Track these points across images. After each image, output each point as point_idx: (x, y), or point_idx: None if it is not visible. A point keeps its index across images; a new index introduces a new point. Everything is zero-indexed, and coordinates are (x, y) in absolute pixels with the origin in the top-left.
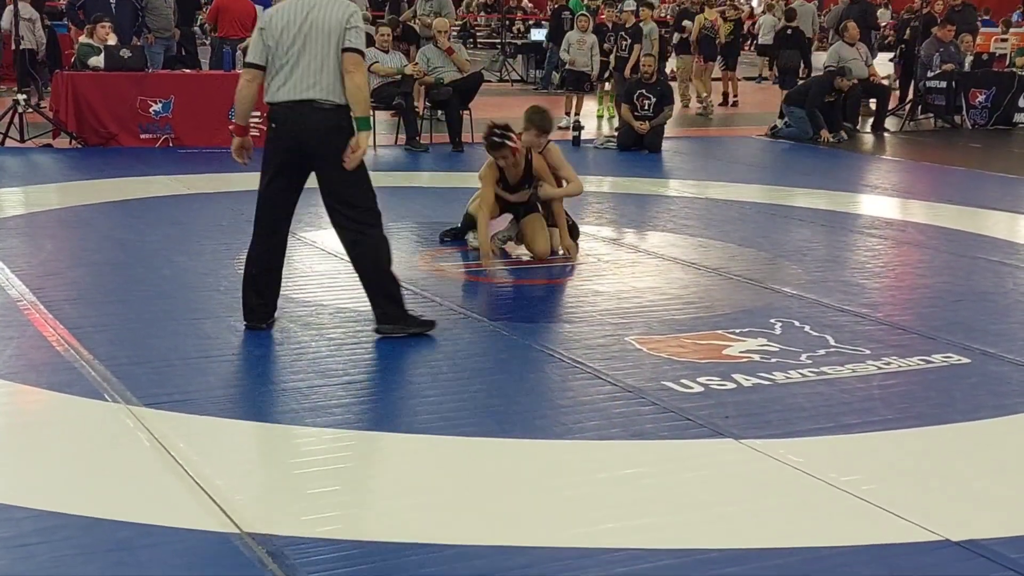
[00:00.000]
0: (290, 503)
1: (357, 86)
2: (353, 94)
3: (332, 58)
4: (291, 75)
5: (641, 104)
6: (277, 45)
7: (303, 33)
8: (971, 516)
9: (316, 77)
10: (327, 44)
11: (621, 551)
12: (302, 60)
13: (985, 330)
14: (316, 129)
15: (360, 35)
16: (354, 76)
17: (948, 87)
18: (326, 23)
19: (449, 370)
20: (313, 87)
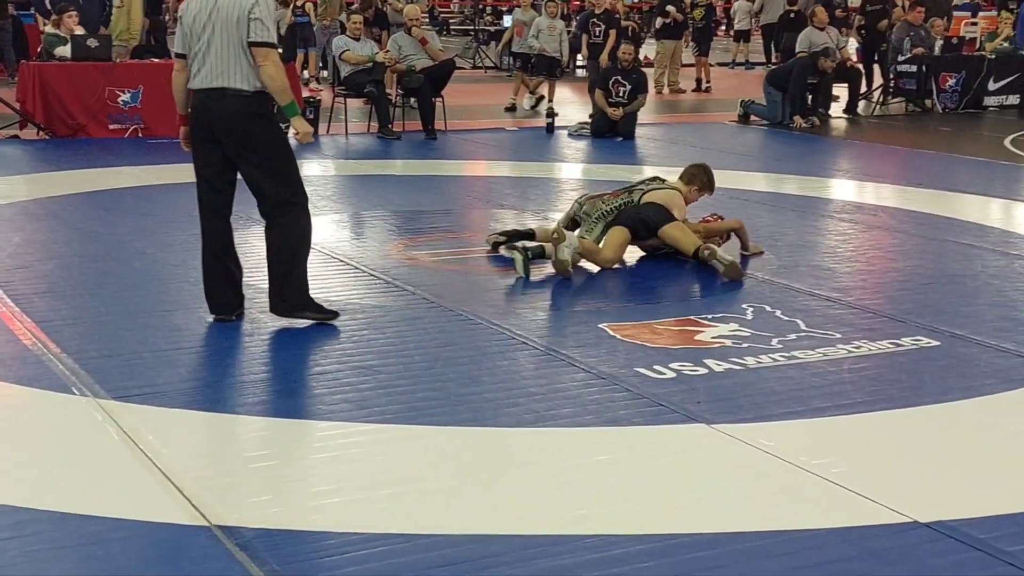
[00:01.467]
0: (260, 495)
1: (270, 76)
2: (267, 84)
3: (239, 47)
4: (204, 63)
5: (616, 91)
6: (191, 33)
7: (212, 22)
8: (940, 497)
9: (227, 65)
10: (235, 33)
11: (594, 537)
12: (212, 48)
13: (954, 313)
14: (227, 116)
15: (264, 25)
16: (265, 68)
17: (919, 71)
18: (231, 12)
19: (421, 359)
20: (223, 75)
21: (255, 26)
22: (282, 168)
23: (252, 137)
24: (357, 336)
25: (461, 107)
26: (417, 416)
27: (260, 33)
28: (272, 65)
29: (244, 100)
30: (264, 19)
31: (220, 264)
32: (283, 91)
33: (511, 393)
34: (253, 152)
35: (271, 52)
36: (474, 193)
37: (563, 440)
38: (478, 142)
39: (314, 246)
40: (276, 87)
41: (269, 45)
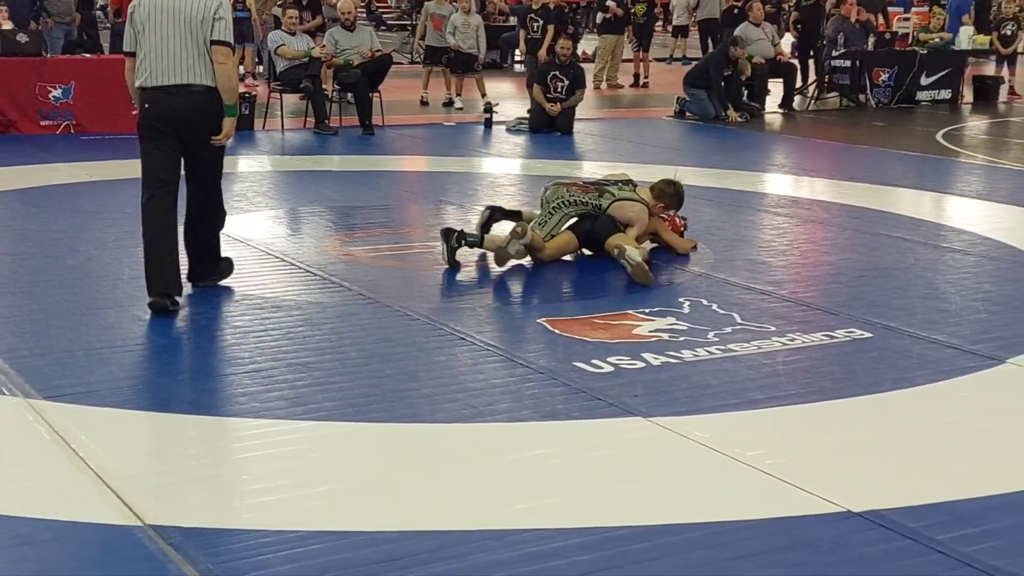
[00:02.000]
0: (194, 494)
1: (227, 75)
2: (223, 82)
3: (202, 45)
4: (161, 60)
5: (555, 86)
6: (144, 30)
7: (171, 20)
8: (872, 487)
9: (188, 63)
10: (198, 31)
11: (530, 532)
12: (171, 46)
13: (887, 305)
14: (191, 112)
15: (227, 26)
16: (224, 66)
17: (852, 66)
18: (195, 12)
19: (358, 356)
20: (186, 72)
21: (219, 25)
22: (222, 163)
23: (211, 131)
24: (293, 333)
25: (398, 102)
26: (353, 413)
27: (224, 33)
28: (231, 64)
29: (208, 95)
30: (227, 19)
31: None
32: (233, 90)
33: (448, 389)
34: (207, 143)
35: (231, 54)
36: (412, 188)
37: (500, 435)
38: (415, 137)
39: (249, 243)
40: (230, 86)
41: (229, 45)
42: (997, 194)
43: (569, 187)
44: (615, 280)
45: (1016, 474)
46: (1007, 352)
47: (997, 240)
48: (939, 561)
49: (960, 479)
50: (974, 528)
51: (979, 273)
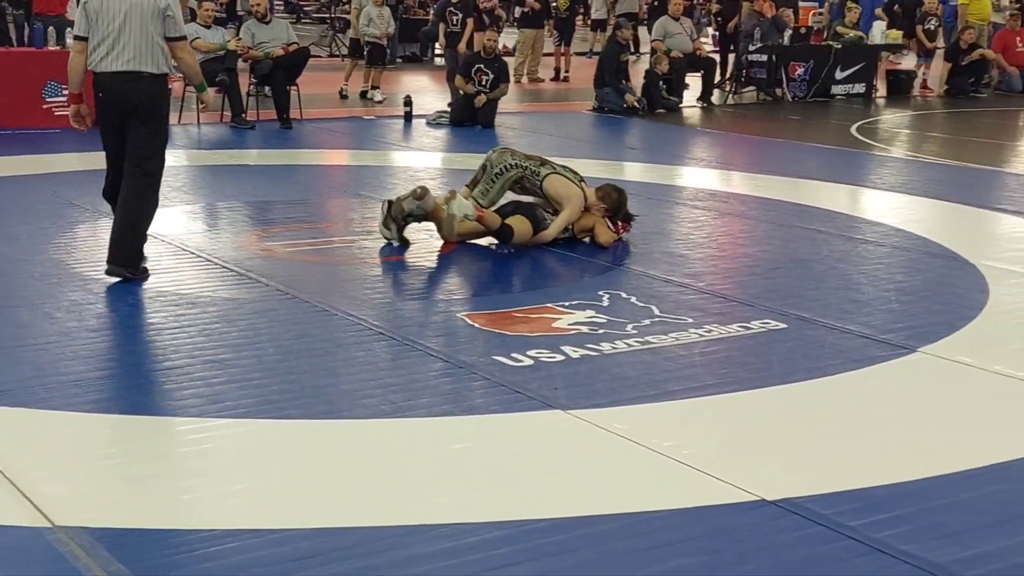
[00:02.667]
0: (106, 494)
1: (188, 64)
2: (186, 71)
3: (154, 36)
4: (114, 47)
5: (479, 79)
6: (98, 18)
7: (127, 12)
8: (785, 476)
9: (142, 50)
10: (149, 24)
11: (448, 526)
12: (124, 35)
13: (801, 296)
14: (142, 97)
15: (176, 22)
16: (183, 58)
17: (769, 60)
18: (147, 6)
19: (275, 352)
20: (139, 59)
21: (170, 23)
22: (163, 147)
23: (159, 112)
24: (209, 330)
25: (317, 96)
26: (271, 410)
27: (175, 29)
28: (188, 55)
29: (155, 81)
30: (176, 16)
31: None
32: (196, 74)
33: (367, 384)
34: (153, 123)
35: (185, 44)
36: (330, 183)
37: (419, 430)
38: (334, 131)
39: (164, 238)
40: (191, 72)
41: (182, 38)
42: (909, 186)
43: (513, 152)
44: (536, 274)
45: (925, 460)
46: (918, 341)
47: (909, 231)
48: (851, 547)
49: (871, 466)
50: (885, 514)
51: (891, 264)
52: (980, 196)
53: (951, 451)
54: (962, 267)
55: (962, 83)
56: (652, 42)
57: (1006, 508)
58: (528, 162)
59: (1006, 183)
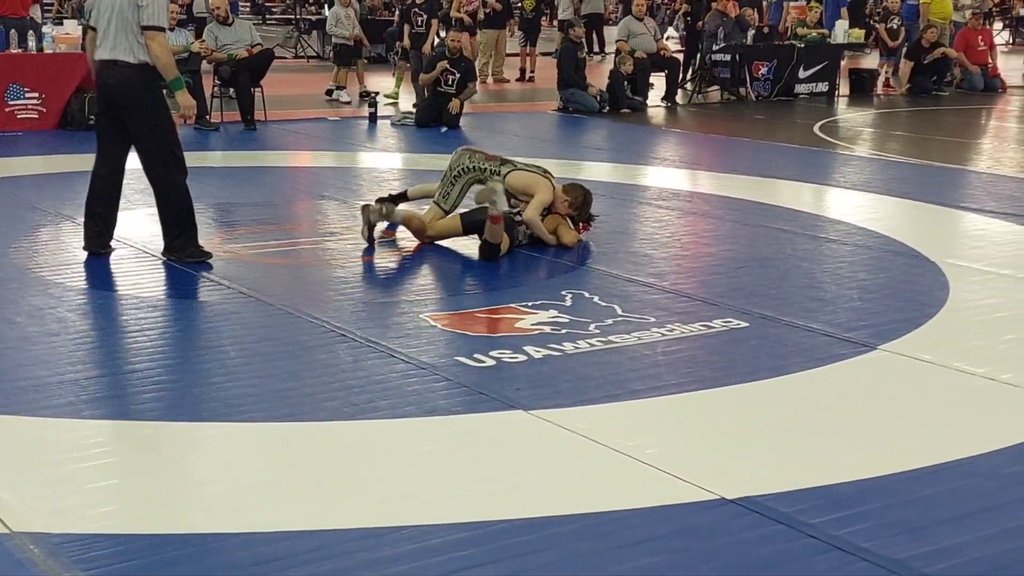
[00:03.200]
0: (65, 499)
1: (155, 55)
2: (155, 62)
3: (132, 25)
4: (105, 38)
5: (445, 79)
6: (96, 11)
7: (112, 2)
8: (746, 474)
9: (119, 39)
10: (127, 12)
11: (412, 528)
12: (111, 25)
13: (764, 295)
14: (117, 84)
15: (152, 12)
16: (151, 47)
17: (732, 60)
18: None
19: (237, 355)
20: (117, 48)
21: (144, 12)
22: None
23: (135, 100)
24: (171, 333)
25: (282, 97)
26: (232, 413)
27: (150, 18)
28: (157, 45)
29: (130, 70)
30: (151, 6)
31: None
32: (167, 67)
33: (329, 387)
34: (135, 112)
35: (157, 34)
36: (295, 184)
37: (382, 432)
38: (299, 132)
39: (127, 241)
40: (161, 64)
41: (156, 28)
42: (872, 184)
43: (473, 154)
44: (500, 274)
45: (886, 457)
46: (879, 339)
47: (871, 230)
48: (811, 545)
49: (832, 464)
50: (845, 511)
51: (854, 262)
52: (942, 194)
53: (912, 448)
54: (923, 265)
55: (924, 82)
56: (616, 42)
57: (966, 503)
58: (488, 163)
59: (968, 181)
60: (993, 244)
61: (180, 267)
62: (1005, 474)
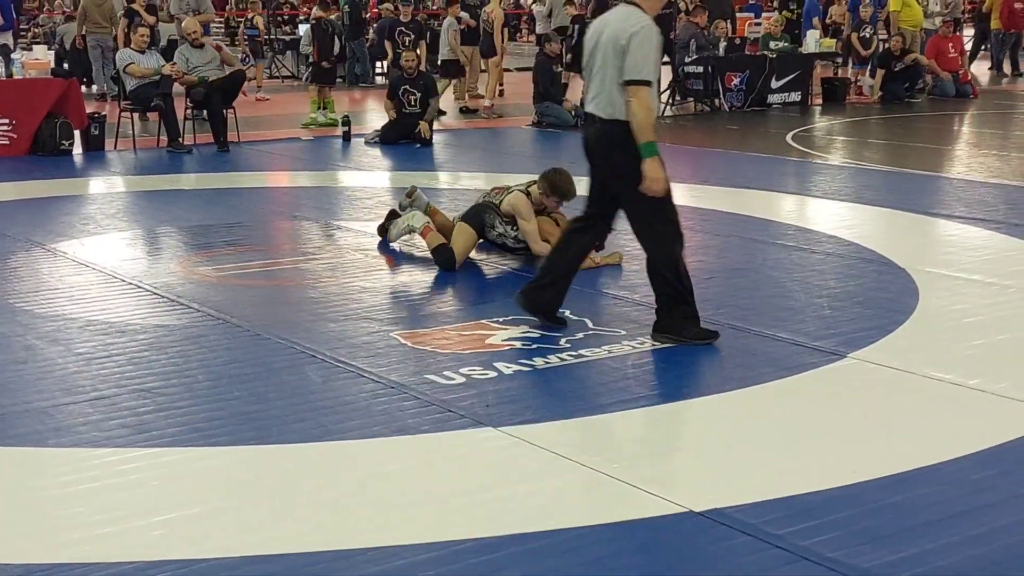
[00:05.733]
0: (33, 528)
1: (632, 112)
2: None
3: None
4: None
5: (407, 100)
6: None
7: (597, 47)
8: (713, 486)
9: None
10: (611, 59)
11: (377, 549)
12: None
13: (734, 305)
14: (593, 140)
15: (632, 59)
16: (630, 104)
17: (705, 71)
18: (612, 39)
19: (204, 379)
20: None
21: (626, 61)
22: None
23: (617, 163)
24: (138, 358)
25: (255, 118)
26: (198, 438)
27: (629, 70)
28: (636, 102)
29: (607, 127)
30: (635, 52)
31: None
32: (643, 129)
33: (298, 408)
34: (613, 172)
35: (639, 89)
36: (267, 205)
37: (350, 452)
38: (272, 153)
39: (95, 266)
40: (637, 123)
41: (643, 83)
42: (843, 193)
43: (494, 191)
44: (471, 290)
45: (854, 466)
46: (849, 347)
47: (842, 238)
48: (778, 556)
49: (800, 474)
50: (812, 521)
51: (824, 271)
52: (913, 201)
53: (880, 456)
54: (893, 272)
55: (896, 89)
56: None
57: (932, 510)
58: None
59: (939, 187)
60: (963, 250)
61: (150, 291)
62: (971, 480)
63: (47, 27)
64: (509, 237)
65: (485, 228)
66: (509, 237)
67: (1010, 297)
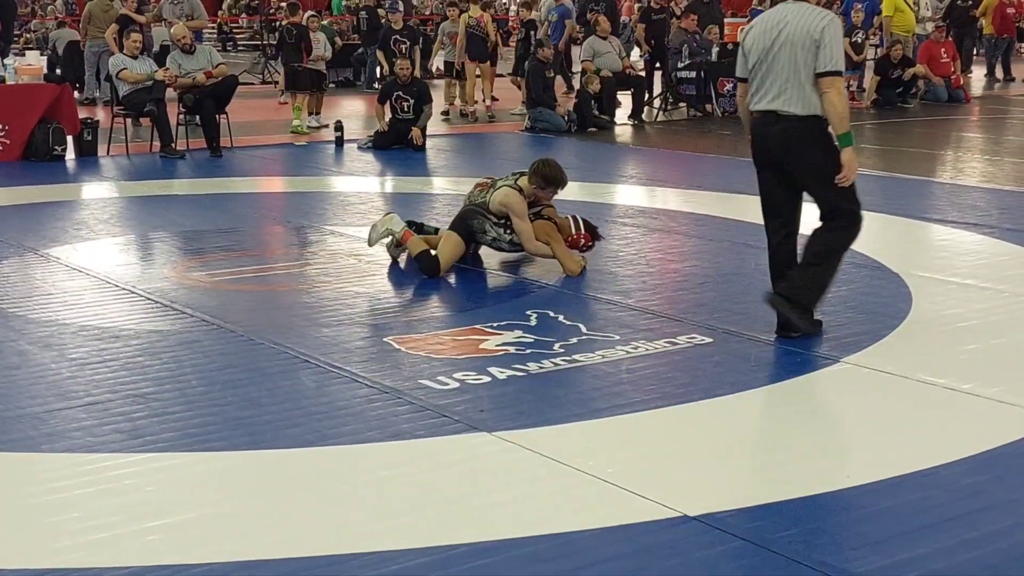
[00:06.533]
0: (27, 534)
1: (831, 103)
2: (828, 111)
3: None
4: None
5: (400, 106)
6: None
7: (780, 42)
8: (707, 491)
9: (784, 88)
10: (800, 56)
11: (371, 554)
12: (774, 70)
13: (728, 310)
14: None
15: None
16: (827, 95)
17: (698, 76)
18: (800, 34)
19: (199, 384)
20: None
21: (822, 53)
22: (830, 179)
23: (815, 158)
24: (131, 363)
25: (248, 123)
26: (192, 443)
27: (827, 63)
28: (835, 93)
29: (802, 123)
30: (831, 45)
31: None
32: (844, 119)
33: (292, 414)
34: (809, 166)
35: (836, 80)
36: (260, 211)
37: (344, 458)
38: (265, 158)
39: (89, 271)
40: (838, 113)
41: (840, 73)
42: None
43: (477, 187)
44: (465, 295)
45: (847, 470)
46: (841, 351)
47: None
48: (772, 560)
49: (794, 478)
50: (806, 526)
51: None
52: (906, 205)
53: (873, 460)
54: (886, 277)
55: (889, 94)
56: (582, 62)
57: (925, 515)
58: (484, 194)
59: (931, 192)
60: (956, 254)
61: (144, 296)
62: (964, 484)
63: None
64: (504, 241)
65: (476, 235)
66: (504, 241)
67: (1003, 301)
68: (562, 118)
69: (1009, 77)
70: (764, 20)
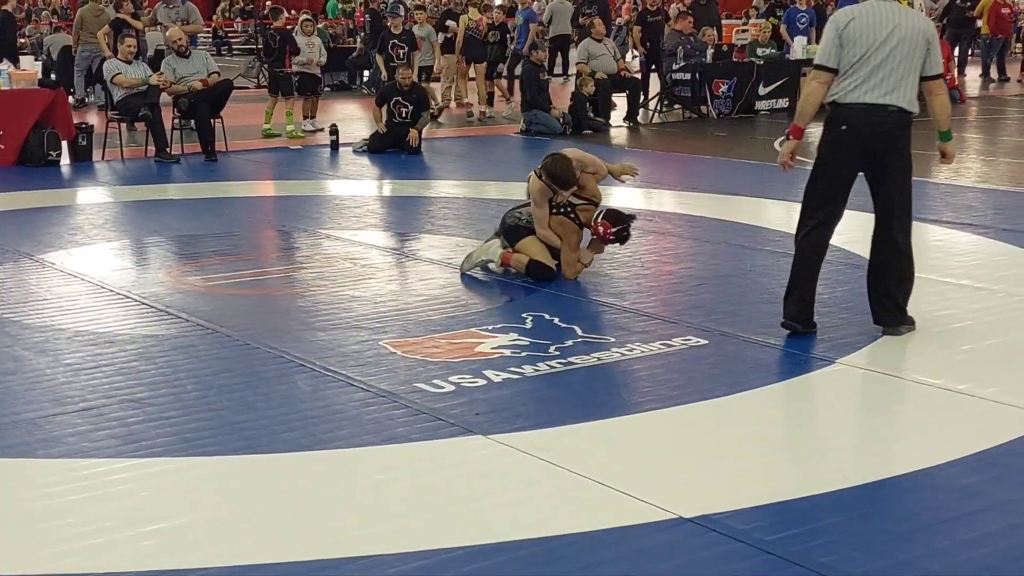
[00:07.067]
0: (22, 539)
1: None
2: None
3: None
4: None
5: (399, 111)
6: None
7: (892, 38)
8: (703, 493)
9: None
10: (916, 55)
11: (367, 558)
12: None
13: (724, 312)
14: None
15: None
16: (937, 97)
17: (692, 78)
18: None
19: (194, 388)
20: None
21: (932, 56)
22: (910, 175)
23: (908, 152)
24: (127, 368)
25: (243, 127)
26: (187, 447)
27: (936, 66)
28: (945, 95)
29: (908, 119)
30: (936, 48)
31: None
32: (950, 116)
33: (288, 418)
34: (906, 160)
35: (942, 82)
36: (256, 215)
37: (340, 462)
38: (260, 162)
39: (84, 277)
40: (948, 112)
41: (942, 76)
42: None
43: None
44: (461, 298)
45: (844, 471)
46: (837, 352)
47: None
48: (769, 561)
49: (790, 479)
50: (802, 527)
51: None
52: None
53: (869, 461)
54: None
55: None
56: (577, 64)
57: (924, 516)
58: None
59: (926, 192)
60: (951, 255)
61: (139, 301)
62: (961, 485)
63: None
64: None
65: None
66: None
67: (998, 302)
68: (557, 120)
69: (1004, 77)
70: (866, 13)
